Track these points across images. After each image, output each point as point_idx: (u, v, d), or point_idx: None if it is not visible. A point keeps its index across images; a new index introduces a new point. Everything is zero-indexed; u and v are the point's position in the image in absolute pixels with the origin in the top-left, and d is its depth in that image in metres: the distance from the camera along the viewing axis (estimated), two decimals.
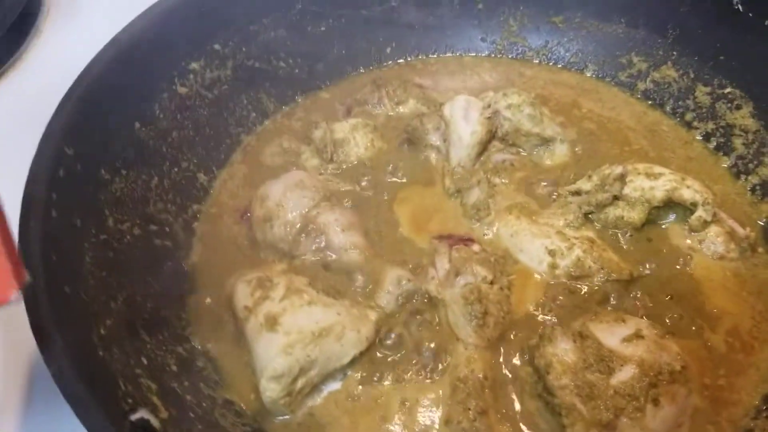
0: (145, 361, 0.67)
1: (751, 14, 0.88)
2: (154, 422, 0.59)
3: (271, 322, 0.71)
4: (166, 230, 0.83)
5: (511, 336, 0.75)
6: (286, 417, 0.71)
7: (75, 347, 0.57)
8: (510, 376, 0.73)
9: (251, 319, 0.72)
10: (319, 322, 0.71)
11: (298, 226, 0.83)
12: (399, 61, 1.11)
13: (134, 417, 0.57)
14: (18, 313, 0.55)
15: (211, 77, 0.93)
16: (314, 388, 0.72)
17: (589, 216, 0.84)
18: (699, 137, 0.96)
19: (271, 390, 0.68)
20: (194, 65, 0.90)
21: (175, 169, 0.87)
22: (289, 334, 0.70)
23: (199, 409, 0.68)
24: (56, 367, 0.54)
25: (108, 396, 0.57)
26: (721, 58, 0.94)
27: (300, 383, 0.70)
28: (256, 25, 0.97)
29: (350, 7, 1.04)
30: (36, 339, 0.56)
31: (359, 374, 0.73)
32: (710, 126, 0.95)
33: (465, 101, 0.93)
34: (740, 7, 0.88)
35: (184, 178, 0.88)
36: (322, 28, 1.04)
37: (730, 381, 0.72)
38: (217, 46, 0.93)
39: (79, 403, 0.53)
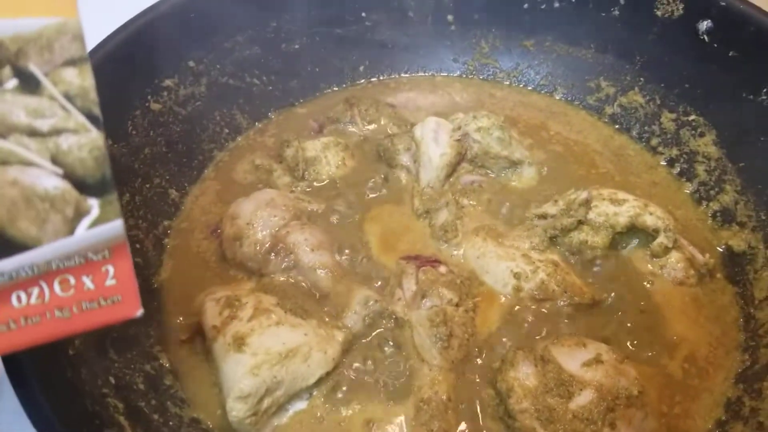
0: (113, 381, 0.68)
1: (715, 45, 0.90)
2: None
3: (239, 343, 0.71)
4: (137, 246, 0.83)
5: (475, 358, 0.76)
6: None
7: (43, 368, 0.57)
8: (473, 398, 0.74)
9: (219, 339, 0.73)
10: (286, 343, 0.72)
11: (267, 245, 0.84)
12: (372, 79, 1.12)
13: None
14: None
15: (185, 94, 0.93)
16: (280, 407, 0.73)
17: (554, 239, 0.86)
18: (663, 162, 0.99)
19: (237, 410, 0.69)
20: (168, 82, 0.91)
21: (147, 186, 0.87)
22: (256, 354, 0.71)
23: (166, 428, 0.68)
24: (24, 389, 0.55)
25: (75, 418, 0.57)
26: (686, 86, 0.96)
27: (266, 403, 0.71)
28: (230, 42, 0.98)
29: (325, 26, 1.06)
30: (2, 360, 0.56)
31: (325, 394, 0.74)
32: (674, 152, 0.98)
33: (435, 123, 0.94)
34: (706, 38, 0.90)
35: (155, 195, 0.89)
36: (296, 46, 1.05)
37: (686, 407, 0.74)
38: (191, 63, 0.94)
39: (45, 425, 0.53)
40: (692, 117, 0.96)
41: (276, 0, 0.99)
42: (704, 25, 0.90)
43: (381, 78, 1.13)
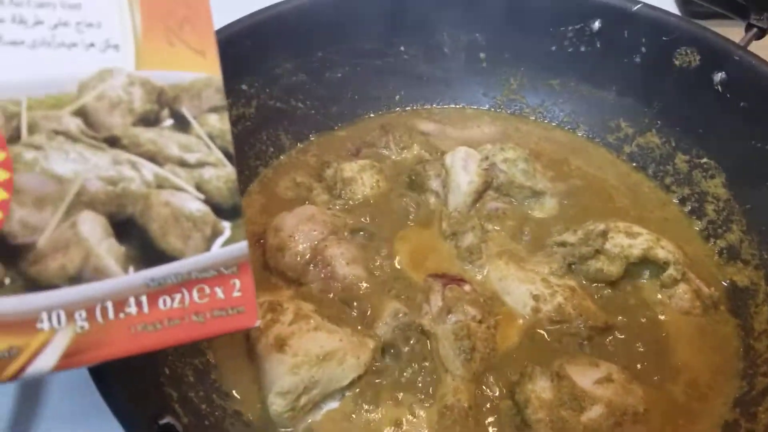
0: (167, 371, 0.75)
1: (728, 95, 0.96)
2: (178, 427, 0.66)
3: (281, 344, 0.78)
4: None
5: (495, 371, 0.82)
6: (289, 430, 0.78)
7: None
8: (492, 407, 0.80)
9: (262, 340, 0.80)
10: (324, 346, 0.79)
11: (307, 256, 0.91)
12: (406, 108, 1.20)
13: (162, 421, 0.65)
14: None
15: (237, 114, 1.01)
16: (315, 405, 0.79)
17: (572, 266, 0.92)
18: (676, 200, 1.05)
19: (277, 404, 0.76)
20: None
21: None
22: (296, 355, 0.77)
23: (212, 418, 0.75)
24: (100, 373, 0.62)
25: (141, 401, 0.64)
26: (700, 131, 1.02)
27: (303, 400, 0.77)
28: (280, 68, 1.05)
29: (366, 57, 1.13)
30: None
31: (356, 396, 0.81)
32: (686, 191, 1.04)
33: (465, 153, 1.02)
34: (720, 88, 0.97)
35: None
36: (339, 75, 1.13)
37: (687, 428, 0.79)
38: (244, 87, 1.01)
39: (120, 407, 0.60)
40: (704, 160, 1.02)
41: (323, 33, 1.07)
42: (719, 76, 0.97)
43: (415, 107, 1.20)
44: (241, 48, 0.98)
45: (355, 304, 0.88)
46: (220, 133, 0.58)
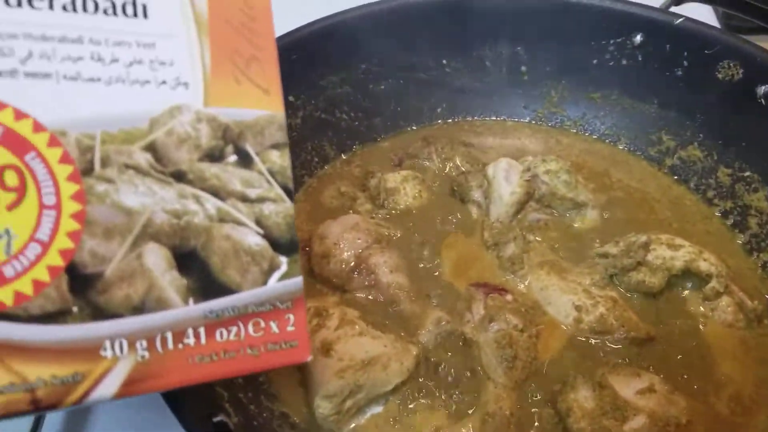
0: None
1: None
2: (231, 425, 0.69)
3: (327, 348, 0.80)
4: None
5: (537, 379, 0.83)
6: None
7: None
8: (533, 415, 0.81)
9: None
10: (369, 351, 0.81)
11: (351, 264, 0.93)
12: (448, 120, 1.22)
13: (216, 419, 0.67)
14: None
15: None
16: (359, 409, 0.80)
17: (614, 278, 0.93)
18: (718, 213, 1.05)
19: (323, 407, 0.78)
20: None
21: None
22: (342, 360, 0.79)
23: (260, 419, 0.77)
24: None
25: (196, 400, 0.67)
26: (743, 144, 1.02)
27: (348, 404, 0.79)
28: (325, 81, 1.08)
29: (409, 70, 1.15)
30: None
31: (399, 401, 0.82)
32: (729, 204, 1.04)
33: (507, 164, 1.03)
34: (763, 101, 0.97)
35: None
36: (382, 87, 1.15)
37: None
38: (291, 98, 1.04)
39: (177, 404, 0.62)
40: (747, 173, 1.02)
41: (368, 47, 1.09)
42: (762, 89, 0.97)
43: (456, 120, 1.22)
44: (288, 61, 1.00)
45: (398, 311, 0.90)
46: (280, 169, 0.60)
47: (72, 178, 0.50)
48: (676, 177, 1.11)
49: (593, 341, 0.87)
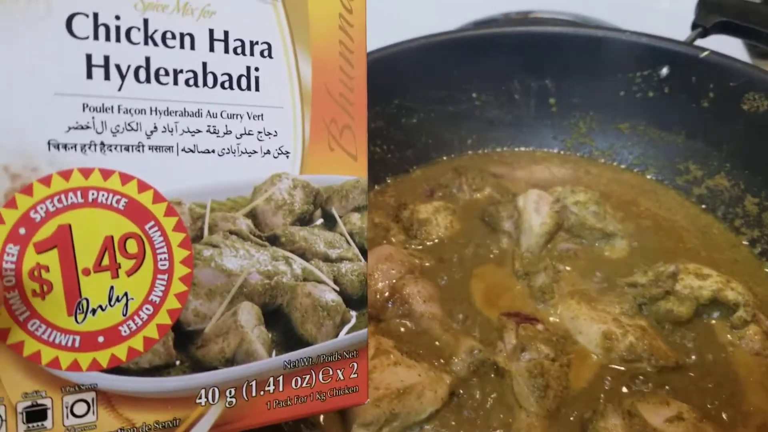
0: None
1: None
2: None
3: None
4: None
5: (568, 408, 0.85)
6: None
7: None
8: None
9: None
10: (404, 380, 0.83)
11: (386, 294, 0.96)
12: (478, 151, 1.25)
13: None
14: None
15: None
16: None
17: (643, 307, 0.95)
18: (746, 242, 1.07)
19: None
20: None
21: None
22: (378, 389, 0.82)
23: None
24: None
25: None
26: None
27: None
28: None
29: (440, 104, 1.19)
30: None
31: (433, 429, 0.84)
32: (756, 233, 1.06)
33: (537, 195, 1.06)
34: None
35: None
36: (414, 120, 1.19)
37: None
38: None
39: None
40: None
41: (400, 82, 1.14)
42: None
43: (486, 150, 1.25)
44: None
45: (431, 340, 0.93)
46: (359, 230, 0.64)
47: (183, 245, 0.54)
48: (704, 206, 1.13)
49: (623, 370, 0.89)
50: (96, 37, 0.51)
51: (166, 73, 0.53)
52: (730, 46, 1.15)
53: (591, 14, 1.62)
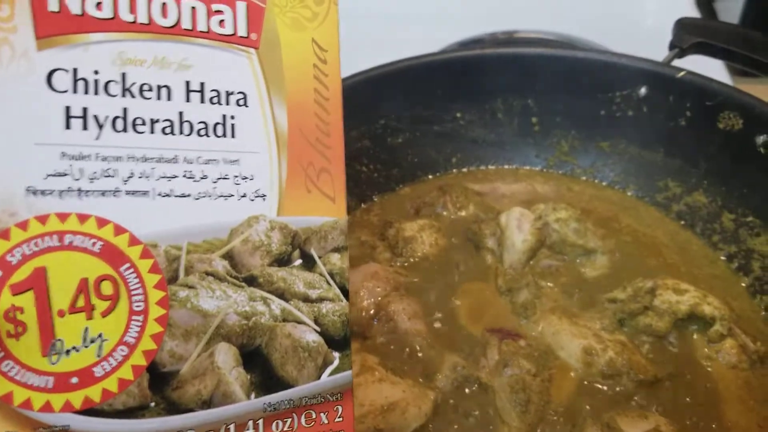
0: None
1: None
2: None
3: None
4: None
5: (550, 423, 0.87)
6: None
7: None
8: None
9: None
10: (388, 397, 0.85)
11: (371, 311, 0.98)
12: (463, 169, 1.27)
13: None
14: None
15: None
16: None
17: (623, 321, 0.97)
18: (723, 257, 1.09)
19: None
20: None
21: None
22: (363, 405, 0.84)
23: None
24: None
25: None
26: (745, 190, 1.07)
27: None
28: (346, 136, 1.14)
29: (424, 123, 1.21)
30: None
31: None
32: (733, 248, 1.08)
33: (519, 213, 1.08)
34: (762, 150, 1.02)
35: None
36: (399, 140, 1.21)
37: None
38: None
39: None
40: (750, 218, 1.06)
41: (386, 103, 1.16)
42: (761, 138, 1.01)
43: (471, 169, 1.27)
44: None
45: (416, 356, 0.94)
46: (339, 270, 0.66)
47: (159, 286, 0.56)
48: (683, 222, 1.15)
49: (603, 384, 0.91)
50: (75, 91, 0.53)
51: (143, 123, 0.56)
52: (709, 65, 1.18)
53: (575, 33, 1.65)
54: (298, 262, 0.65)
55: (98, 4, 0.54)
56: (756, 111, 1.03)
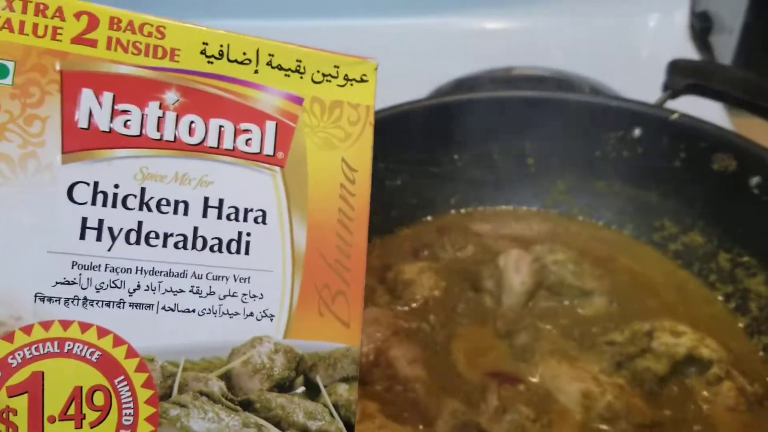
0: None
1: (764, 197, 1.02)
2: None
3: None
4: None
5: None
6: None
7: None
8: None
9: None
10: None
11: (371, 357, 0.99)
12: (461, 210, 1.28)
13: None
14: None
15: None
16: None
17: (621, 364, 0.97)
18: (720, 297, 1.10)
19: None
20: None
21: None
22: None
23: None
24: None
25: None
26: (740, 230, 1.08)
27: None
28: None
29: (423, 165, 1.23)
30: None
31: None
32: (730, 288, 1.09)
33: (517, 255, 1.09)
34: (756, 191, 1.03)
35: None
36: (398, 182, 1.23)
37: None
38: None
39: None
40: (745, 258, 1.07)
41: (385, 146, 1.16)
42: (754, 180, 1.03)
43: (469, 209, 1.28)
44: None
45: (416, 402, 0.95)
46: (346, 403, 0.61)
47: (150, 402, 0.54)
48: (680, 262, 1.16)
49: (603, 428, 0.92)
50: (93, 203, 0.54)
51: (156, 236, 0.55)
52: (707, 102, 1.19)
53: (571, 69, 1.67)
54: (301, 389, 0.60)
55: (126, 122, 0.55)
56: (749, 153, 1.04)
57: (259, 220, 0.59)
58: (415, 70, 1.66)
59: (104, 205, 0.54)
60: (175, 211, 0.56)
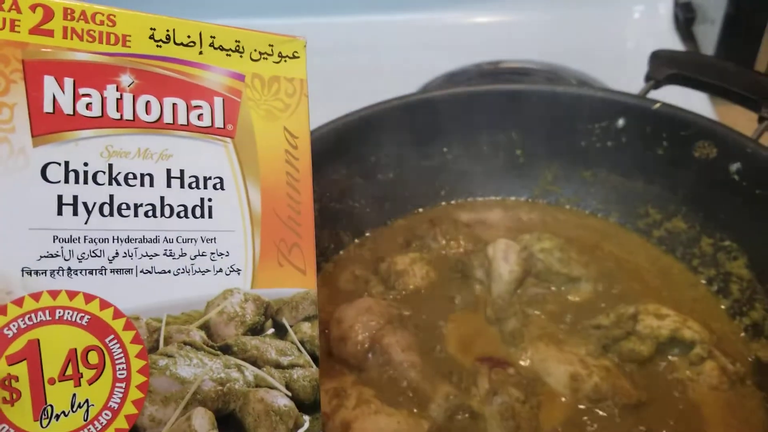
0: None
1: (745, 183, 1.05)
2: None
3: (346, 427, 0.89)
4: None
5: None
6: None
7: None
8: None
9: (329, 423, 0.91)
10: (383, 429, 0.89)
11: (366, 345, 1.02)
12: (451, 202, 1.32)
13: None
14: None
15: None
16: None
17: (607, 347, 1.01)
18: (703, 281, 1.13)
19: None
20: None
21: None
22: None
23: None
24: None
25: None
26: (721, 216, 1.11)
27: None
28: (337, 174, 1.19)
29: (414, 159, 1.26)
30: None
31: None
32: (712, 272, 1.12)
33: (505, 244, 1.12)
34: (736, 177, 1.06)
35: None
36: (390, 175, 1.26)
37: None
38: None
39: None
40: (727, 243, 1.10)
41: (377, 140, 1.20)
42: (735, 166, 1.06)
43: (459, 201, 1.32)
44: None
45: (410, 387, 0.98)
46: (310, 338, 0.71)
47: (140, 355, 0.61)
48: (664, 247, 1.20)
49: (590, 409, 0.95)
50: (66, 181, 0.59)
51: (128, 207, 0.62)
52: (690, 90, 1.22)
53: (558, 62, 1.70)
54: (271, 331, 0.69)
55: (88, 105, 0.61)
56: (729, 140, 1.07)
57: (218, 186, 0.66)
58: (405, 65, 1.69)
59: (77, 182, 0.60)
60: (142, 184, 0.63)
